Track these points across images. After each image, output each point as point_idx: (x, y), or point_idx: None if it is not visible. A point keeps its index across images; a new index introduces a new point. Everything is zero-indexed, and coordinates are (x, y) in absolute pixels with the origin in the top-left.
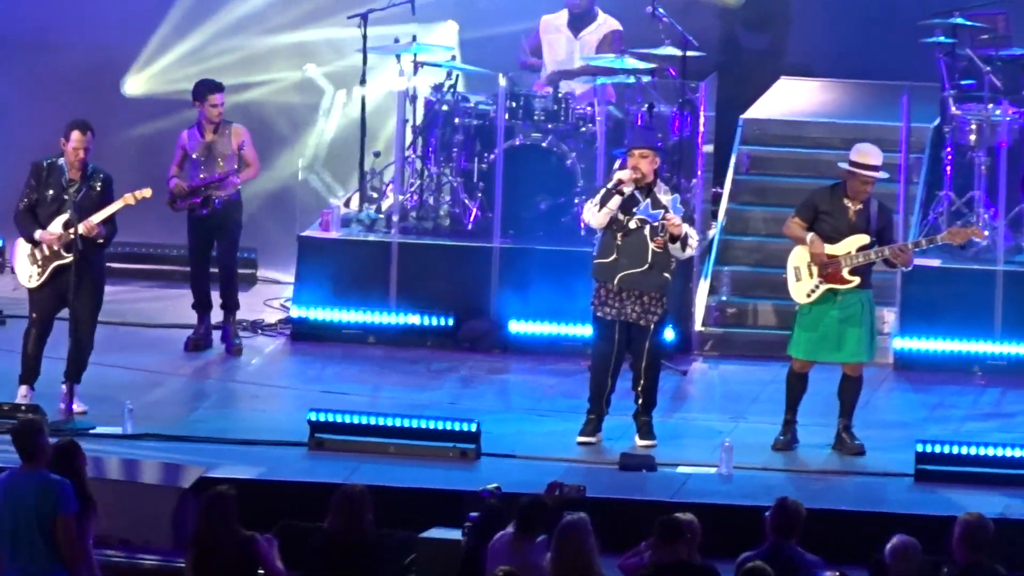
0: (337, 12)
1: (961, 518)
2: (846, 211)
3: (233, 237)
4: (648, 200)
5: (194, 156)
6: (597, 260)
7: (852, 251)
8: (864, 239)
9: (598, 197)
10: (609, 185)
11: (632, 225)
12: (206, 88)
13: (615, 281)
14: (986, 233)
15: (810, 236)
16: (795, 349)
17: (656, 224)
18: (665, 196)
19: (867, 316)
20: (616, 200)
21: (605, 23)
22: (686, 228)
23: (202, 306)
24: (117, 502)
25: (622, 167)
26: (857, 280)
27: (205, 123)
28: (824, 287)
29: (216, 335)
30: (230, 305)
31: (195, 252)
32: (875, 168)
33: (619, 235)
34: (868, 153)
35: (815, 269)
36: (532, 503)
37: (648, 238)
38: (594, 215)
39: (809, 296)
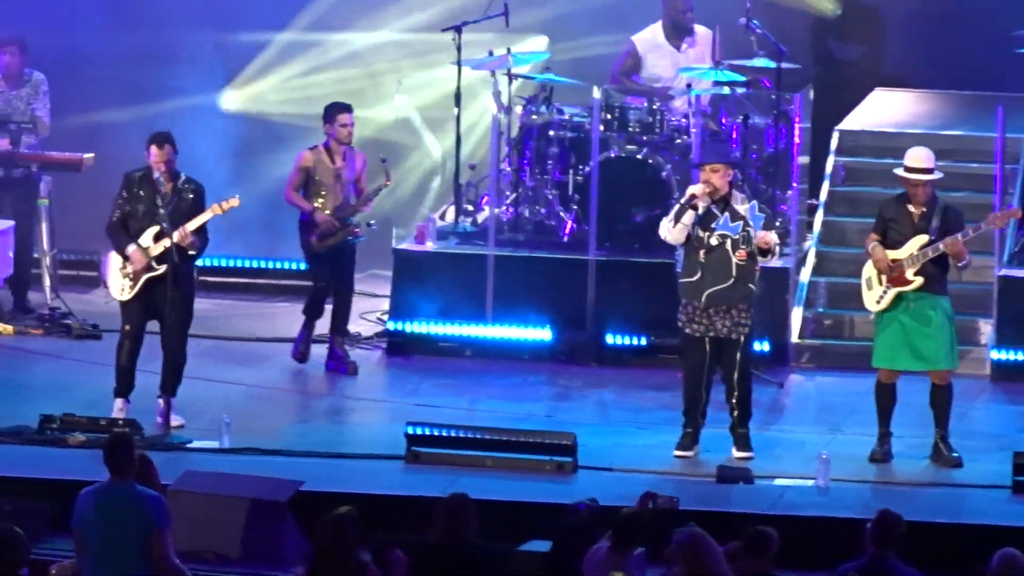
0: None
1: None
2: (910, 216)
3: (353, 261)
4: (726, 214)
5: (321, 180)
6: (683, 279)
7: (913, 251)
8: (924, 238)
9: (672, 213)
10: (682, 200)
11: (714, 241)
12: (336, 109)
13: (702, 299)
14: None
15: (871, 245)
16: (876, 359)
17: (737, 236)
18: (742, 206)
19: (944, 323)
20: (690, 215)
21: (704, 35)
22: (773, 238)
23: (316, 315)
24: (212, 516)
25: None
26: (920, 280)
27: (334, 145)
28: (891, 291)
29: (315, 349)
30: (343, 330)
31: (322, 278)
32: (924, 171)
33: (701, 252)
34: (918, 156)
35: (883, 276)
36: (630, 517)
37: (731, 252)
38: (670, 231)
39: (879, 303)
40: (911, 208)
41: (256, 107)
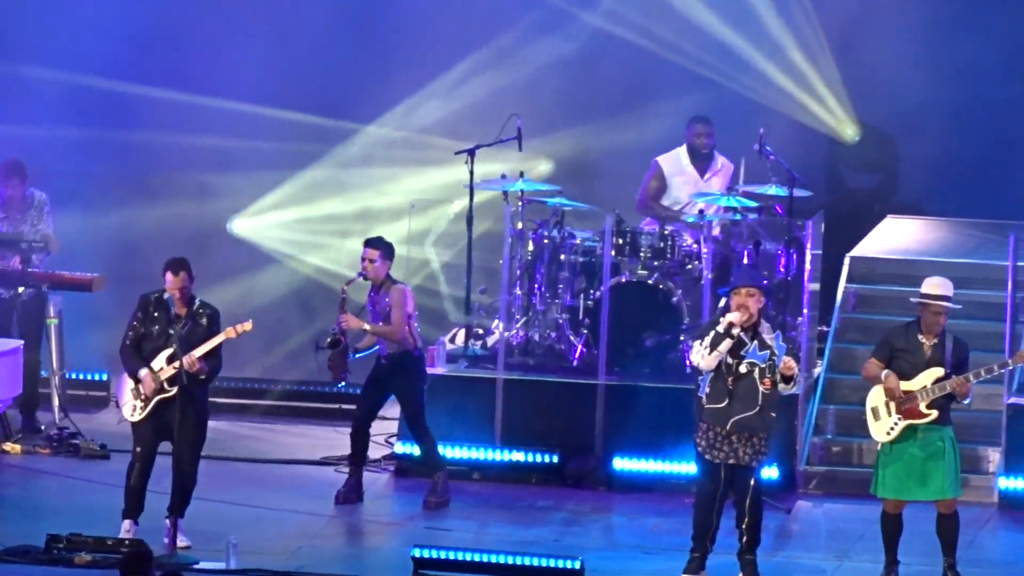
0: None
1: None
2: (921, 347)
3: (407, 391)
4: (755, 342)
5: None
6: (709, 406)
7: (928, 385)
8: (939, 372)
9: (708, 340)
10: (720, 328)
11: (743, 369)
12: (365, 241)
13: (728, 425)
14: None
15: (884, 373)
16: (882, 490)
17: (764, 366)
18: (769, 336)
19: (950, 452)
20: (727, 343)
21: (725, 164)
22: (795, 365)
23: (354, 452)
24: None
25: (726, 306)
26: (935, 413)
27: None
28: (903, 423)
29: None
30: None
31: (357, 410)
32: (944, 298)
33: (730, 379)
34: (938, 284)
35: (893, 406)
36: None
37: (758, 380)
38: (704, 358)
39: (889, 434)
40: (922, 339)
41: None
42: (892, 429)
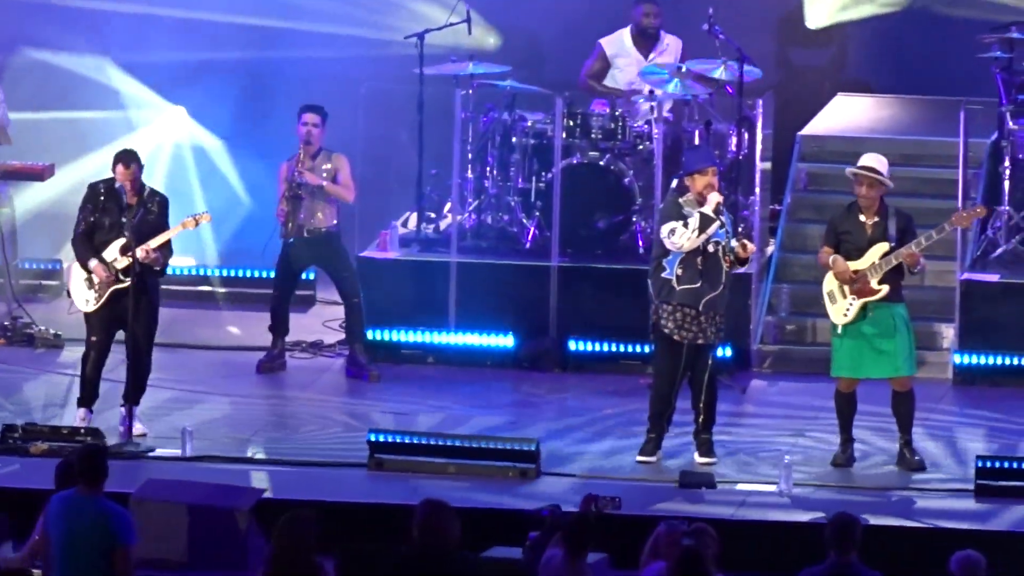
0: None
1: None
2: (863, 226)
3: (340, 266)
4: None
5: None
6: (683, 287)
7: (875, 260)
8: (884, 247)
9: (696, 222)
10: (708, 211)
11: (710, 248)
12: (302, 108)
13: (700, 305)
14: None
15: (831, 258)
16: (837, 369)
17: (724, 243)
18: (724, 216)
19: (903, 330)
20: (716, 225)
21: (672, 43)
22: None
23: (278, 329)
24: (175, 524)
25: (679, 187)
26: (886, 288)
27: (301, 146)
28: (858, 303)
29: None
30: (354, 335)
31: (280, 276)
32: (873, 169)
33: (699, 259)
34: (869, 157)
35: (846, 288)
36: (577, 521)
37: (721, 258)
38: (690, 239)
39: (846, 315)
40: (863, 218)
41: None
42: (848, 310)
